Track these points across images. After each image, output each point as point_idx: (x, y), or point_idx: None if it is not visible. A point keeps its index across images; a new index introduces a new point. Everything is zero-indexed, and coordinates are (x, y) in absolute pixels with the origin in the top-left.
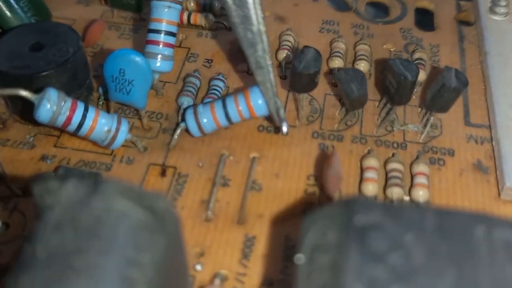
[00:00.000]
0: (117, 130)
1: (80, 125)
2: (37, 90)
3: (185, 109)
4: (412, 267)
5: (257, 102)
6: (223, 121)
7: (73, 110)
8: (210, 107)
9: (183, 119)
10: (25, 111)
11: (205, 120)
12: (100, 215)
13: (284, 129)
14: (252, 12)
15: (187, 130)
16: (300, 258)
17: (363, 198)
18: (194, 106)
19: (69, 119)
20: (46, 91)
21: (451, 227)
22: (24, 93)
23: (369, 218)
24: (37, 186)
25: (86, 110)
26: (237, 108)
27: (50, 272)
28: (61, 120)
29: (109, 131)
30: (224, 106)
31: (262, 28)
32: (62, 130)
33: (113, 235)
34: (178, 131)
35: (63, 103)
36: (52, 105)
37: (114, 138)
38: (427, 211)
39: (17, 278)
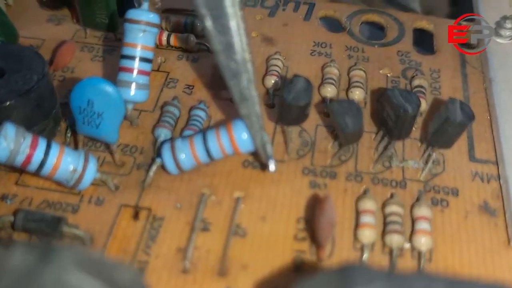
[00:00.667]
0: (84, 168)
1: (42, 164)
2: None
3: (161, 143)
4: None
5: (241, 137)
6: (203, 158)
7: (33, 147)
8: (189, 142)
9: (159, 154)
10: None
11: (183, 156)
12: None
13: (272, 167)
14: (236, 39)
15: (163, 167)
16: None
17: (363, 266)
18: (172, 140)
19: (28, 158)
20: (2, 127)
21: None
22: None
23: None
24: None
25: (48, 147)
26: (219, 143)
27: None
28: (19, 159)
29: (75, 170)
30: (205, 140)
31: (247, 56)
32: (22, 169)
33: None
34: (154, 167)
35: (22, 140)
36: (9, 143)
37: (81, 178)
38: (437, 281)
39: None
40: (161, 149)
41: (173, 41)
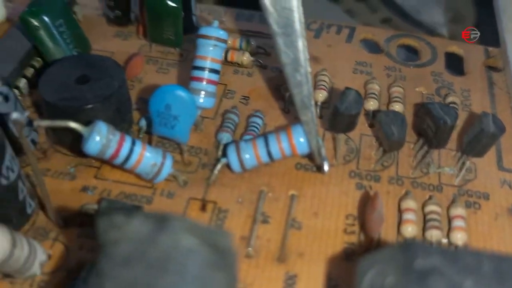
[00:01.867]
0: (162, 164)
1: (127, 158)
2: (83, 122)
3: (226, 145)
4: None
5: (299, 140)
6: (264, 158)
7: (121, 143)
8: (252, 144)
9: (224, 155)
10: (71, 143)
11: (247, 156)
12: (169, 252)
13: (326, 167)
14: (301, 55)
15: (227, 166)
16: None
17: (421, 243)
18: (236, 142)
19: (117, 152)
20: (96, 124)
21: (507, 271)
22: (74, 125)
23: (428, 263)
24: (102, 220)
25: (133, 144)
26: (279, 145)
27: None
28: (109, 153)
29: (154, 165)
30: (266, 143)
31: (309, 69)
32: (106, 162)
33: (182, 271)
34: (219, 166)
35: (111, 136)
36: (101, 138)
37: (158, 172)
38: (484, 256)
39: None
40: (226, 150)
41: (230, 57)
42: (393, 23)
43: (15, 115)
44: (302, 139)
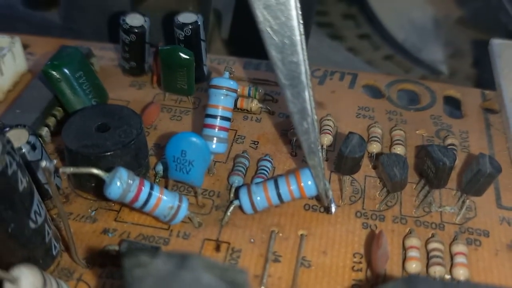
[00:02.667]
0: (179, 207)
1: (146, 202)
2: (103, 168)
3: (238, 188)
4: None
5: (307, 184)
6: (274, 200)
7: (140, 188)
8: (263, 187)
9: (236, 197)
10: (94, 187)
11: (258, 199)
12: (190, 287)
13: (333, 209)
14: (308, 105)
15: (239, 207)
16: None
17: (424, 276)
18: (248, 185)
19: (136, 196)
20: (117, 170)
21: None
22: (96, 171)
23: None
24: (128, 260)
25: (151, 188)
26: (289, 188)
27: None
28: (129, 197)
29: (171, 207)
30: (276, 186)
31: (315, 117)
32: (125, 205)
33: None
34: (231, 208)
35: (131, 181)
36: (122, 183)
37: (175, 214)
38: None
39: None
40: (238, 193)
41: (240, 104)
42: (394, 60)
43: (44, 164)
44: (310, 182)
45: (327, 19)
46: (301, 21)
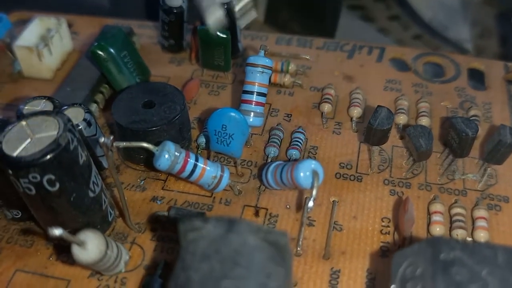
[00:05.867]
0: (221, 177)
1: (192, 172)
2: (151, 141)
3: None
4: None
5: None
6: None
7: (186, 160)
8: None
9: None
10: (142, 159)
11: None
12: (238, 248)
13: (310, 203)
14: None
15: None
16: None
17: (446, 238)
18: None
19: (183, 167)
20: (165, 144)
21: None
22: (146, 145)
23: (452, 255)
24: (183, 225)
25: (196, 159)
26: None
27: None
28: (177, 168)
29: (215, 177)
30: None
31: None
32: (171, 174)
33: (249, 264)
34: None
35: (178, 154)
36: (170, 155)
37: (218, 183)
38: (498, 249)
39: None
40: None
41: (273, 79)
42: (423, 39)
43: (103, 139)
44: (302, 174)
45: (358, 1)
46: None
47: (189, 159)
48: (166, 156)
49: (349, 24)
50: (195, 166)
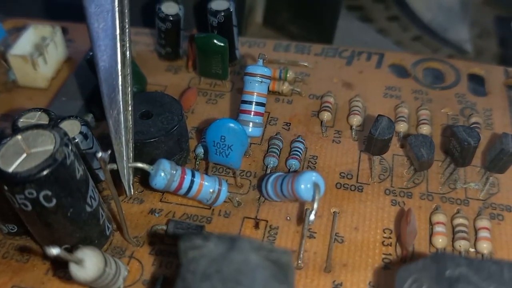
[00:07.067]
0: (219, 191)
1: (189, 188)
2: (148, 153)
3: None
4: None
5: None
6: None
7: (183, 177)
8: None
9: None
10: (137, 171)
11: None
12: (240, 267)
13: (312, 217)
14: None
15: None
16: None
17: (451, 254)
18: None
19: (180, 185)
20: (160, 162)
21: None
22: (141, 165)
23: (457, 272)
24: (183, 243)
25: (193, 176)
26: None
27: None
28: (174, 186)
29: (213, 192)
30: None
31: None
32: (171, 193)
33: (252, 283)
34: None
35: (174, 171)
36: (166, 174)
37: (217, 197)
38: (504, 265)
39: None
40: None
41: (271, 87)
42: (422, 40)
43: (100, 154)
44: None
45: (357, 2)
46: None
47: (185, 176)
48: (162, 174)
49: (348, 25)
50: (192, 182)
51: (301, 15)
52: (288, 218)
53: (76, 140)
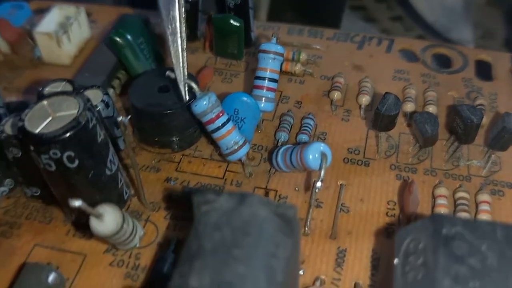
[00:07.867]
0: (241, 146)
1: (219, 128)
2: (164, 124)
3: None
4: (487, 267)
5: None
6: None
7: (218, 115)
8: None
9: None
10: (156, 141)
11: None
12: (249, 219)
13: (318, 184)
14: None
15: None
16: (397, 262)
17: (448, 215)
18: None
19: (213, 119)
20: (208, 92)
21: None
22: (194, 85)
23: (453, 230)
24: (197, 197)
25: (227, 121)
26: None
27: (216, 259)
28: (208, 117)
29: (236, 143)
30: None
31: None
32: (185, 155)
33: (259, 234)
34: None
35: (216, 105)
36: (208, 102)
37: (235, 150)
38: (497, 225)
39: (191, 264)
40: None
41: (284, 67)
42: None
43: (121, 118)
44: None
45: (360, 2)
46: None
47: (221, 115)
48: (205, 101)
49: (351, 25)
50: (223, 124)
51: (305, 15)
52: (296, 189)
53: (98, 108)
